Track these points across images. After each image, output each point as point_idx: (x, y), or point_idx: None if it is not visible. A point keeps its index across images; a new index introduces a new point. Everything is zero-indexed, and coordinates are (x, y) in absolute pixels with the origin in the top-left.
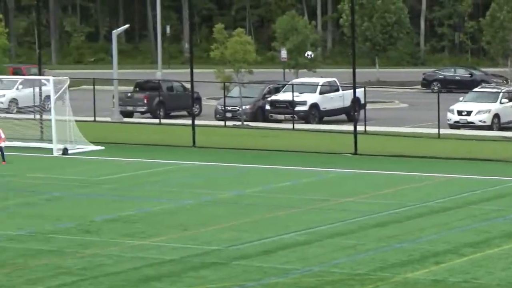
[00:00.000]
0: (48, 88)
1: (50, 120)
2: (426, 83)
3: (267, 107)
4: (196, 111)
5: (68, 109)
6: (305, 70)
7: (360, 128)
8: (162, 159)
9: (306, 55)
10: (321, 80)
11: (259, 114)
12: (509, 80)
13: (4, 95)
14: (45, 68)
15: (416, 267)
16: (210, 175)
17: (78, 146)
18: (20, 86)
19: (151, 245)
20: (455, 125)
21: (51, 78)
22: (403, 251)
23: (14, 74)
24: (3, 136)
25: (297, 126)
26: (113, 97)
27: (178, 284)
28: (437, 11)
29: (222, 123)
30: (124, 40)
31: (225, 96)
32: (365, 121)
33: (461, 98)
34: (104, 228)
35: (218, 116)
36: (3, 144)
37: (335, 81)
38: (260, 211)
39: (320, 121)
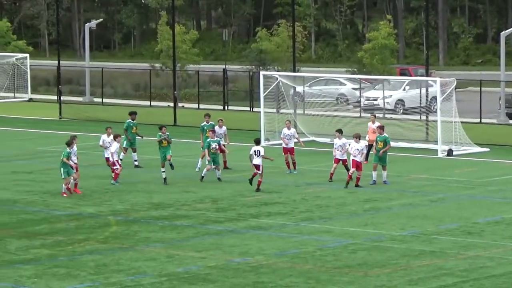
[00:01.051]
0: (435, 89)
1: (435, 121)
2: None
3: None
4: None
5: (454, 110)
6: None
7: None
8: None
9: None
10: None
11: None
12: None
13: (390, 96)
14: (432, 69)
15: None
16: None
17: (463, 148)
18: (407, 87)
19: None
20: None
21: (437, 79)
22: None
23: (401, 75)
24: None
25: None
26: (499, 99)
27: None
28: None
29: None
30: None
31: None
32: None
33: None
34: (487, 230)
35: None
36: None
37: None
38: None
39: None
